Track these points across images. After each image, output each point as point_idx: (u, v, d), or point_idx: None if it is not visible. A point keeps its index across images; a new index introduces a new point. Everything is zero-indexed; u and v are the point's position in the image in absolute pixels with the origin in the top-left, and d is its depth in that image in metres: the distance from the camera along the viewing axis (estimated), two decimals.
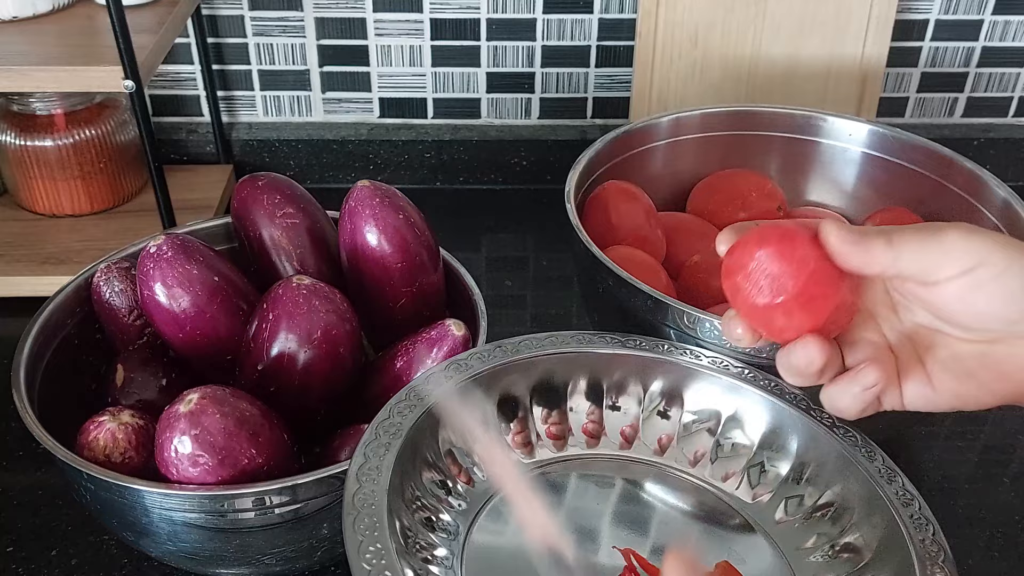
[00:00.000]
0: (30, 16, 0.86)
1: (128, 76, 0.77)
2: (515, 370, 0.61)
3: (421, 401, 0.56)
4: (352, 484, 0.50)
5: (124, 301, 0.69)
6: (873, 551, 0.53)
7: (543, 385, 0.62)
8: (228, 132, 1.08)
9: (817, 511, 0.57)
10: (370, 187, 0.69)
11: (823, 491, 0.58)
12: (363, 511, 0.48)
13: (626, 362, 0.62)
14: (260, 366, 0.63)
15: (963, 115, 1.11)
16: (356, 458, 0.52)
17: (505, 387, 0.61)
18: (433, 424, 0.57)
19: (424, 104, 1.09)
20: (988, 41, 1.06)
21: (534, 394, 0.62)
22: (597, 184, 0.83)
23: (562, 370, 0.62)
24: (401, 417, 0.55)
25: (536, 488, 0.56)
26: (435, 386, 0.57)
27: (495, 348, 0.61)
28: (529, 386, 0.62)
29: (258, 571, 0.62)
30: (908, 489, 0.54)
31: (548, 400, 0.62)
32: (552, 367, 0.62)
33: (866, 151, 0.88)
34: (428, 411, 0.56)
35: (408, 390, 0.57)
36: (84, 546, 0.69)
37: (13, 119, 0.94)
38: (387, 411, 0.55)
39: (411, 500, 0.53)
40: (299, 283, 0.62)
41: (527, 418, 0.61)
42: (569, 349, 0.62)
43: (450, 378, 0.58)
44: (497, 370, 0.60)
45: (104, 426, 0.59)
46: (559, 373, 0.62)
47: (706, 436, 0.62)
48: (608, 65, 1.06)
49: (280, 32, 1.04)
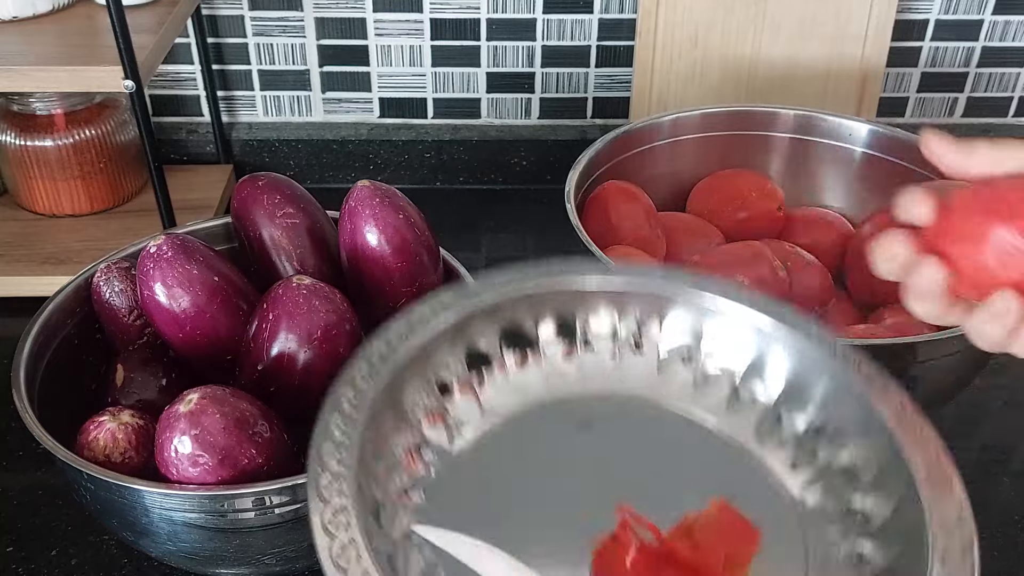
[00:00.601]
0: (30, 16, 0.86)
1: (128, 76, 0.77)
2: (481, 316, 0.55)
3: (384, 366, 0.51)
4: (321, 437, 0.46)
5: (124, 301, 0.69)
6: (873, 475, 0.51)
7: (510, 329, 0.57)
8: (228, 132, 1.08)
9: (814, 434, 0.54)
10: (370, 187, 0.69)
11: (814, 413, 0.54)
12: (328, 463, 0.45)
13: (600, 295, 0.58)
14: (260, 366, 0.63)
15: (963, 115, 1.11)
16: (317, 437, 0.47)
17: (472, 336, 0.55)
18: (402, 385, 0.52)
19: (424, 104, 1.09)
20: (988, 41, 1.06)
21: (504, 338, 0.57)
22: (597, 184, 0.83)
23: (533, 310, 0.57)
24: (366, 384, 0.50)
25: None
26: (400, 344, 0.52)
27: (454, 295, 0.56)
28: (500, 329, 0.56)
29: (258, 571, 0.62)
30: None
31: (516, 342, 0.57)
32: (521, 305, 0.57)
33: (866, 151, 0.88)
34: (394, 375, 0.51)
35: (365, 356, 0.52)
36: (84, 546, 0.69)
37: (13, 119, 0.94)
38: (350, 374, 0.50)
39: (387, 443, 0.49)
40: (299, 283, 0.62)
41: (503, 362, 0.57)
42: (560, 283, 0.57)
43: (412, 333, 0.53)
44: (463, 318, 0.55)
45: (104, 426, 0.59)
46: (534, 313, 0.57)
47: (686, 365, 0.58)
48: (608, 65, 1.06)
49: (280, 32, 1.04)
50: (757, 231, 0.86)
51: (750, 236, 0.84)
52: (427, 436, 0.53)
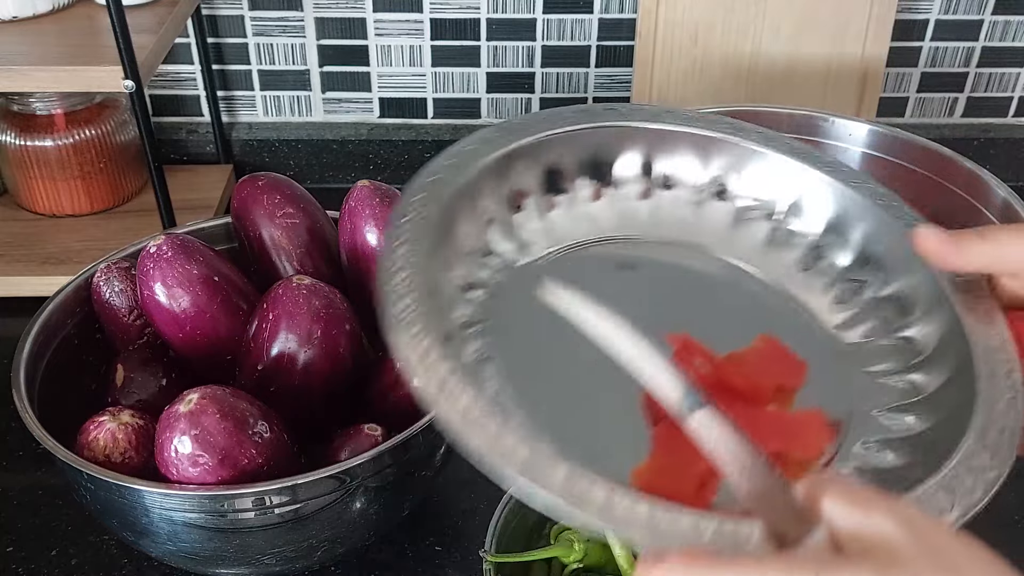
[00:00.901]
0: (30, 16, 0.86)
1: (128, 76, 0.77)
2: (559, 143, 0.56)
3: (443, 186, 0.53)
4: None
5: (124, 301, 0.69)
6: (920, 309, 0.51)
7: (590, 159, 0.57)
8: (228, 132, 1.08)
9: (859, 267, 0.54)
10: (370, 187, 0.69)
11: (884, 280, 0.53)
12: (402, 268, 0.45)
13: (681, 139, 0.58)
14: (260, 366, 0.63)
15: (963, 115, 1.11)
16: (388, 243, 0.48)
17: (551, 159, 0.56)
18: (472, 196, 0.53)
19: (424, 104, 1.09)
20: (988, 41, 1.06)
21: (581, 167, 0.57)
22: None
23: (612, 144, 0.57)
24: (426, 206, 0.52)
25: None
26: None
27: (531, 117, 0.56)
28: (576, 159, 0.56)
29: (258, 571, 0.62)
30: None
31: (595, 174, 0.57)
32: (600, 140, 0.57)
33: (866, 151, 0.88)
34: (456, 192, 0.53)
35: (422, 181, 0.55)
36: (84, 546, 0.69)
37: (13, 119, 0.94)
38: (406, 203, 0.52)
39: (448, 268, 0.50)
40: (299, 283, 0.62)
41: (573, 191, 0.57)
42: (621, 122, 0.57)
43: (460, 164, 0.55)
44: (541, 141, 0.55)
45: (104, 426, 0.59)
46: (606, 147, 0.57)
47: (763, 223, 0.57)
48: (608, 65, 1.06)
49: (280, 32, 1.04)
50: None
51: None
52: (492, 246, 0.53)
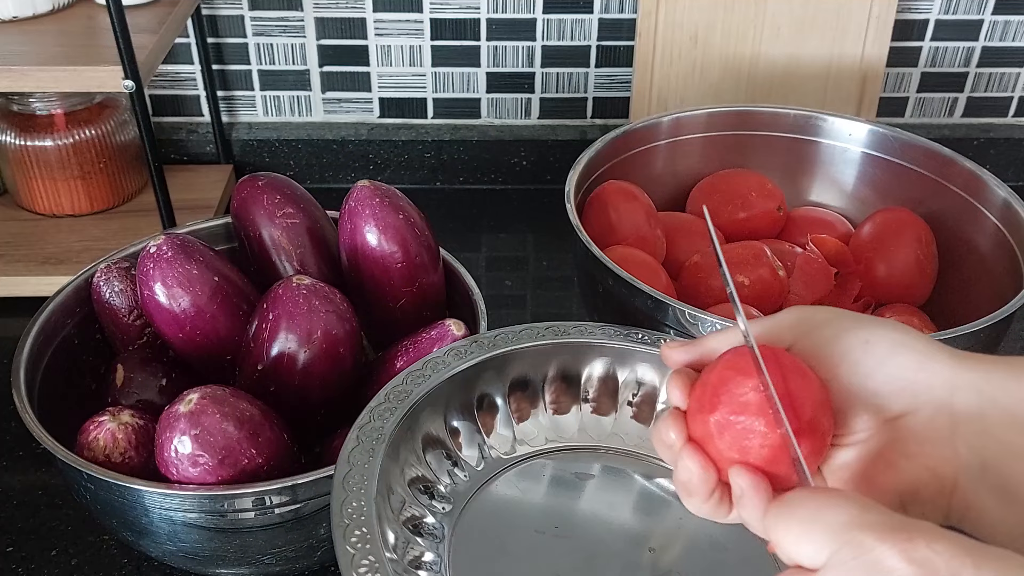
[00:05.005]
0: (30, 16, 0.86)
1: (128, 76, 0.77)
2: (491, 365, 0.59)
3: (401, 404, 0.55)
4: (339, 493, 0.49)
5: (124, 301, 0.69)
6: None
7: (519, 379, 0.61)
8: (228, 132, 1.08)
9: None
10: (370, 187, 0.69)
11: None
12: (353, 523, 0.47)
13: (600, 351, 0.61)
14: (260, 366, 0.63)
15: (963, 115, 1.11)
16: (340, 466, 0.50)
17: (483, 384, 0.60)
18: (414, 425, 0.55)
19: (424, 104, 1.09)
20: (988, 41, 1.06)
21: (511, 389, 0.61)
22: (597, 184, 0.83)
23: (537, 363, 0.61)
24: (383, 420, 0.54)
25: None
26: (414, 386, 0.57)
27: (471, 344, 0.60)
28: (506, 381, 0.60)
29: (258, 571, 0.62)
30: None
31: (524, 393, 0.61)
32: (529, 359, 0.60)
33: (866, 151, 0.88)
34: (409, 413, 0.55)
35: (386, 392, 0.56)
36: (84, 546, 0.69)
37: (13, 119, 0.94)
38: (367, 415, 0.54)
39: (397, 508, 0.52)
40: (299, 283, 0.62)
41: (506, 412, 0.60)
42: (544, 341, 0.61)
43: (427, 377, 0.57)
44: (475, 366, 0.59)
45: (104, 426, 0.59)
46: (534, 366, 0.61)
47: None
48: (608, 65, 1.06)
49: (280, 32, 1.04)
50: (757, 231, 0.86)
51: (750, 236, 0.84)
52: (436, 474, 0.57)
